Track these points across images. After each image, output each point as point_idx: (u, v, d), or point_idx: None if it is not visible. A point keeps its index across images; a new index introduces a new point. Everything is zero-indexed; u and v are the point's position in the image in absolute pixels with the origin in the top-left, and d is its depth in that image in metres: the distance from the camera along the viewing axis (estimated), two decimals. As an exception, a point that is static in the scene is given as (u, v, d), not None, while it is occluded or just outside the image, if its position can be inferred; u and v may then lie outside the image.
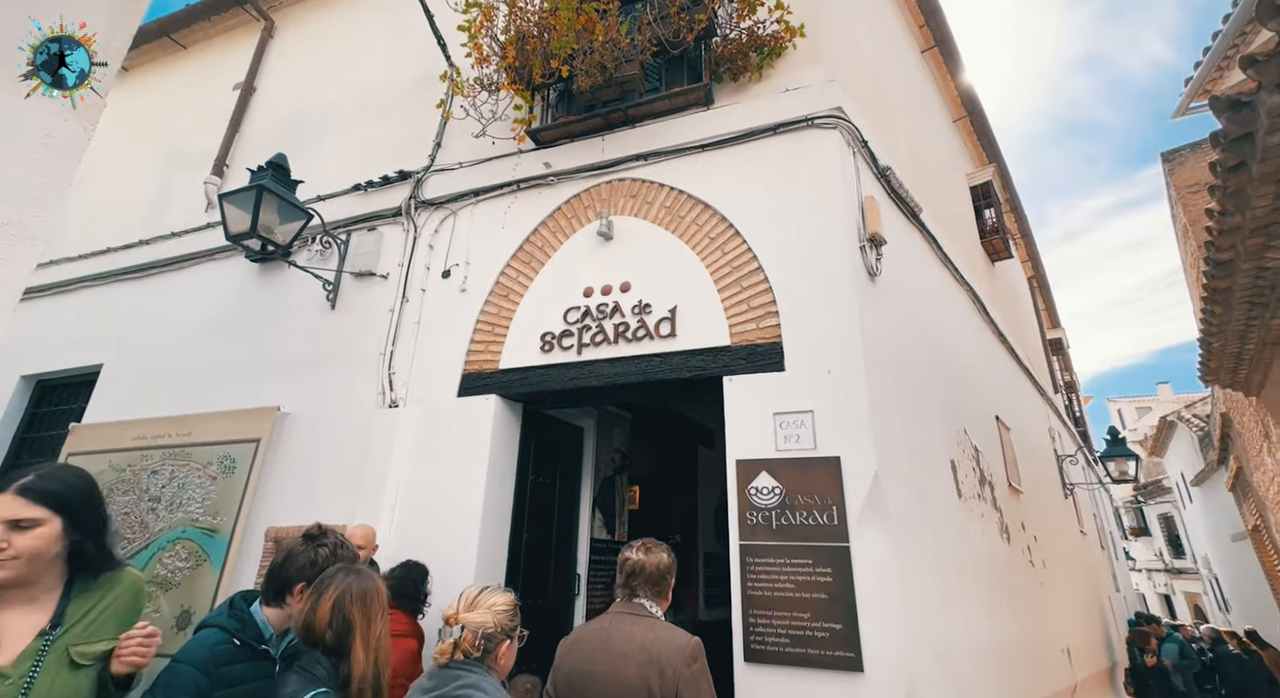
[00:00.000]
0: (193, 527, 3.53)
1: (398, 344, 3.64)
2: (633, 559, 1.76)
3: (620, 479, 4.81)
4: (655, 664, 1.52)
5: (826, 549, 2.35)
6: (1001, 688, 3.13)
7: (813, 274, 2.81)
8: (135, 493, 3.77)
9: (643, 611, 1.70)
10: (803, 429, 2.56)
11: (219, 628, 1.50)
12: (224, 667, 1.44)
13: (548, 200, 3.65)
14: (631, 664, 1.54)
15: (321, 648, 1.29)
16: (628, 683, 1.51)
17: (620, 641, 1.60)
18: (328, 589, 1.34)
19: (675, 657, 1.54)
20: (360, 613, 1.32)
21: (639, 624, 1.65)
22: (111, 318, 4.68)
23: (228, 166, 4.94)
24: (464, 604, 1.35)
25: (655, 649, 1.55)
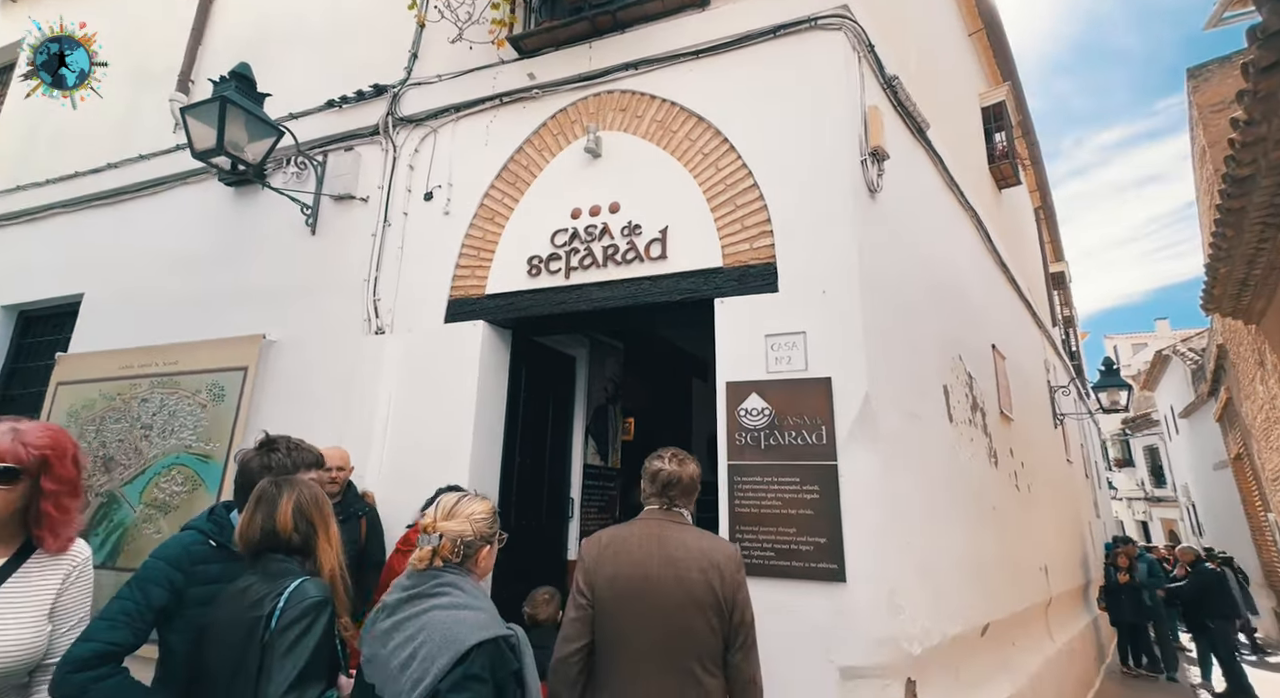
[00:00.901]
0: (186, 453, 3.56)
1: (381, 270, 3.53)
2: (667, 469, 1.76)
3: (614, 408, 4.84)
4: (716, 569, 1.58)
5: (814, 468, 2.35)
6: (979, 599, 3.26)
7: (810, 190, 2.66)
8: (127, 421, 3.78)
9: (683, 519, 1.73)
10: (794, 351, 2.51)
11: (196, 530, 1.57)
12: (199, 565, 1.50)
13: (532, 115, 3.43)
14: (694, 569, 1.58)
15: (286, 550, 1.31)
16: (692, 586, 1.56)
17: (675, 546, 1.63)
18: (281, 497, 1.36)
19: (729, 562, 1.62)
20: (318, 514, 1.36)
21: (688, 532, 1.68)
22: (88, 246, 4.54)
23: (193, 82, 4.64)
24: (441, 513, 1.35)
25: (713, 555, 1.61)
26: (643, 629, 1.55)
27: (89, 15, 5.27)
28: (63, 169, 4.82)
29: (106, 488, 3.71)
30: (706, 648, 1.56)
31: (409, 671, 1.12)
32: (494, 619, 1.24)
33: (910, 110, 3.37)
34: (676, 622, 1.54)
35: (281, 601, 1.20)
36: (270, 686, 1.11)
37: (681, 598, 1.55)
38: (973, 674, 3.00)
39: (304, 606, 1.19)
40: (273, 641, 1.15)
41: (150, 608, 1.42)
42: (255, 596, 1.23)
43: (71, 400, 4.02)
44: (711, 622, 1.56)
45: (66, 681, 1.31)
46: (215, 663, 1.20)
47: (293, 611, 1.18)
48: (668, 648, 1.54)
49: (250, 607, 1.21)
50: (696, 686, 1.52)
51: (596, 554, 1.66)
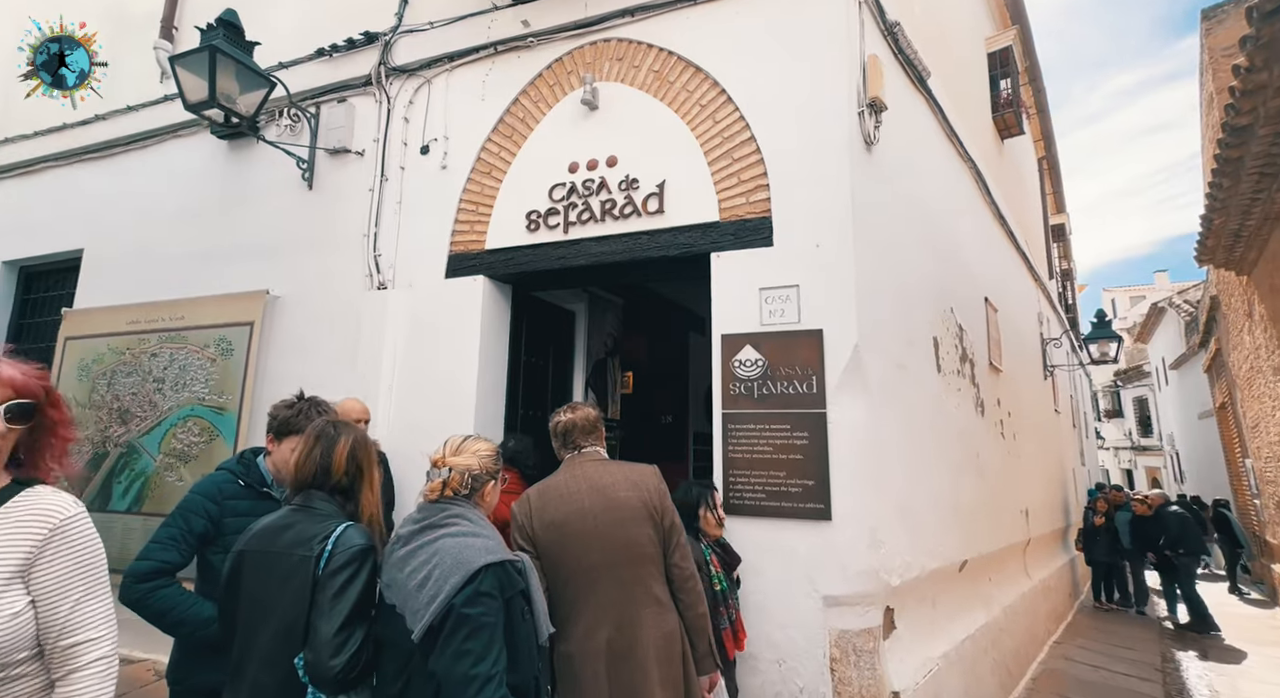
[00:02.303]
0: (200, 405, 3.68)
1: (380, 225, 3.55)
2: (563, 420, 1.92)
3: (612, 362, 4.95)
4: (639, 485, 1.79)
5: (804, 416, 2.47)
6: (959, 538, 3.46)
7: (807, 143, 2.67)
8: (139, 374, 3.88)
9: (597, 455, 1.89)
10: (788, 304, 2.59)
11: (227, 470, 1.83)
12: (230, 500, 1.76)
13: (528, 65, 3.37)
14: (621, 489, 1.77)
15: (331, 490, 1.42)
16: (624, 503, 1.74)
17: (601, 479, 1.79)
18: (339, 438, 1.45)
19: (650, 477, 1.84)
20: (366, 459, 1.47)
21: (607, 464, 1.86)
22: (82, 201, 4.52)
23: (176, 29, 4.49)
24: (449, 450, 1.46)
25: (633, 475, 1.82)
26: (593, 554, 1.70)
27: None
28: (49, 121, 4.73)
29: (125, 439, 3.85)
30: (652, 558, 1.74)
31: (425, 590, 1.24)
32: (500, 547, 1.36)
33: (911, 58, 3.32)
34: (620, 537, 1.71)
35: (330, 544, 1.29)
36: (323, 625, 1.23)
37: (618, 515, 1.73)
38: (949, 606, 3.24)
39: (351, 552, 1.29)
40: (322, 582, 1.27)
41: (193, 533, 1.70)
42: (303, 534, 1.33)
43: (81, 355, 4.11)
44: (648, 532, 1.74)
45: (132, 590, 1.60)
46: (261, 592, 1.32)
47: (341, 556, 1.28)
48: (619, 564, 1.70)
49: (298, 544, 1.31)
50: (653, 597, 1.72)
51: (529, 509, 1.78)
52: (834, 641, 2.25)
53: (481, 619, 1.22)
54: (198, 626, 1.63)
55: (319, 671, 1.22)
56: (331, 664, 1.21)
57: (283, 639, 1.27)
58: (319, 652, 1.22)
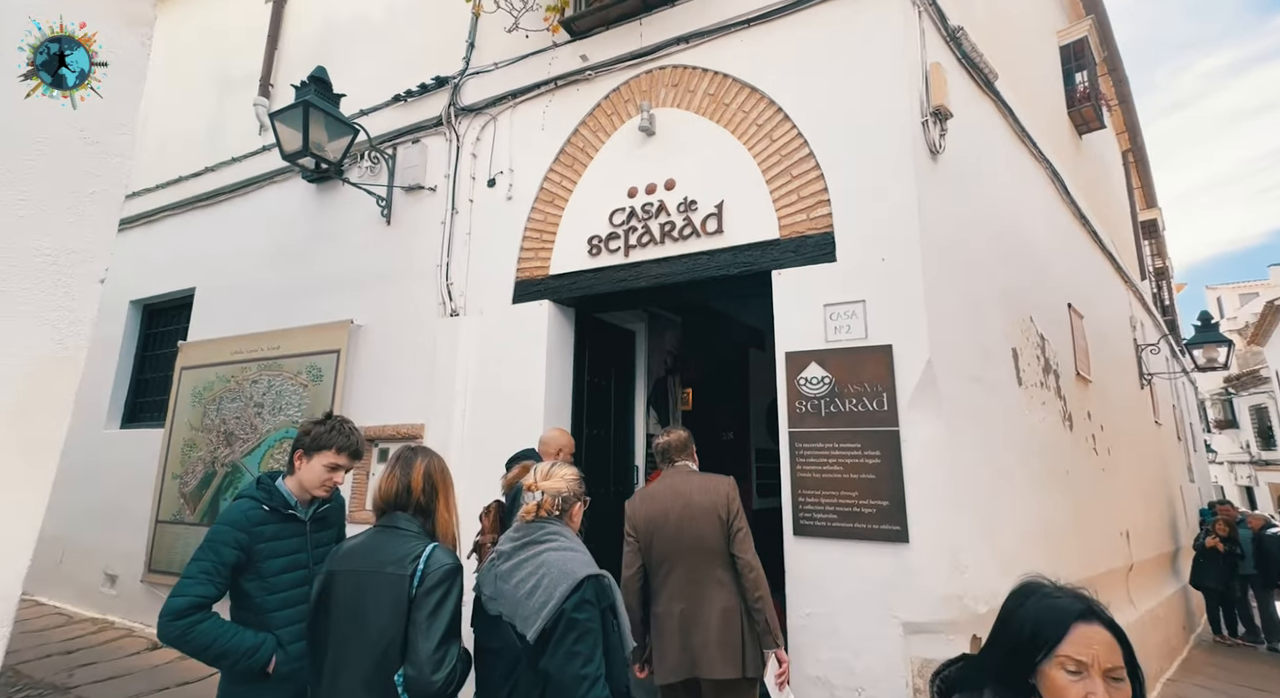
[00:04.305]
0: (294, 427, 3.98)
1: (452, 255, 3.76)
2: (661, 442, 2.41)
3: (673, 380, 4.98)
4: (711, 492, 2.17)
5: (875, 434, 2.41)
6: (1050, 562, 3.23)
7: (869, 157, 2.64)
8: (242, 400, 4.26)
9: (687, 469, 2.33)
10: (854, 319, 2.54)
11: (249, 497, 1.75)
12: (258, 526, 1.71)
13: (586, 97, 3.51)
14: (696, 494, 2.17)
15: (411, 509, 1.52)
16: (701, 509, 2.14)
17: (683, 486, 2.22)
18: (415, 461, 1.57)
19: (722, 485, 2.20)
20: (442, 480, 1.57)
21: (692, 475, 2.29)
22: (194, 244, 5.04)
23: (272, 86, 4.97)
24: (540, 476, 1.58)
25: (709, 485, 2.20)
26: (672, 545, 2.13)
27: (178, 28, 5.71)
28: (168, 174, 5.33)
29: (230, 459, 4.21)
30: (717, 549, 2.11)
31: (534, 598, 1.34)
32: (593, 562, 1.47)
33: (976, 62, 3.22)
34: (690, 532, 2.12)
35: (421, 563, 1.39)
36: (422, 642, 1.32)
37: (691, 514, 2.14)
38: (1042, 635, 3.01)
39: (443, 571, 1.39)
40: (419, 600, 1.36)
41: (225, 564, 1.65)
42: (394, 553, 1.42)
43: (194, 383, 4.55)
44: (716, 529, 2.12)
45: (170, 627, 1.56)
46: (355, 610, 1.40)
47: (434, 575, 1.37)
48: (690, 553, 2.11)
49: (391, 563, 1.41)
50: (716, 579, 2.09)
51: (635, 505, 2.29)
52: (917, 670, 2.15)
53: (587, 624, 1.32)
54: (241, 656, 1.62)
55: (421, 686, 1.29)
56: (434, 679, 1.29)
57: (380, 655, 1.34)
58: (421, 668, 1.29)
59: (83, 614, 4.57)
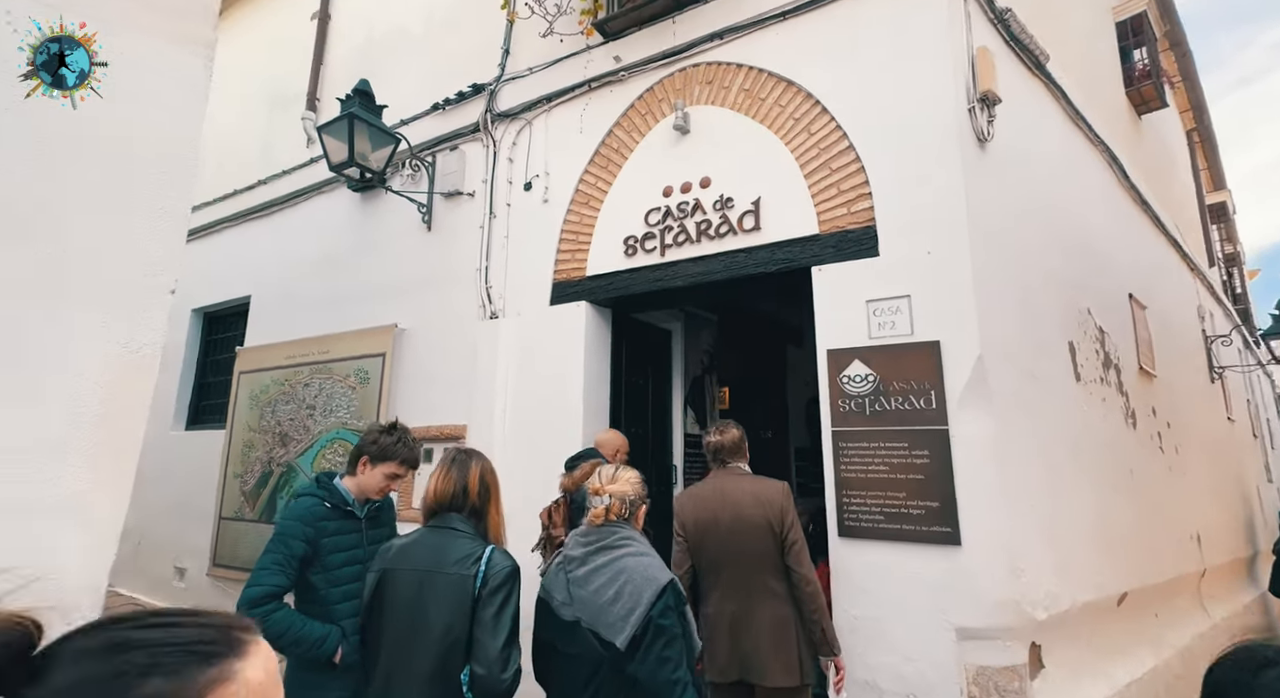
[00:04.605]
0: (344, 428, 4.13)
1: (490, 259, 3.83)
2: (713, 441, 2.30)
3: (709, 378, 4.95)
4: (764, 503, 2.08)
5: (924, 433, 2.33)
6: (1114, 566, 3.07)
7: (912, 147, 2.56)
8: (295, 402, 4.44)
9: (739, 470, 2.23)
10: (898, 315, 2.47)
11: (311, 495, 1.86)
12: (321, 521, 1.81)
13: (620, 98, 3.52)
14: (748, 505, 2.10)
15: (466, 511, 1.57)
16: (752, 519, 2.07)
17: (734, 492, 2.15)
18: (470, 464, 1.61)
19: (775, 495, 2.12)
20: (494, 483, 1.62)
21: (743, 479, 2.20)
22: (250, 254, 5.29)
23: (318, 100, 5.17)
24: (606, 480, 1.58)
25: (761, 494, 2.12)
26: (721, 552, 2.09)
27: (232, 49, 6.00)
28: (225, 188, 5.61)
29: (285, 459, 4.40)
30: (769, 560, 2.06)
31: (618, 605, 1.35)
32: (665, 566, 1.49)
33: (1026, 43, 3.08)
34: (740, 543, 2.06)
35: (483, 565, 1.43)
36: (489, 642, 1.36)
37: (743, 526, 2.07)
38: (1108, 645, 2.87)
39: (504, 573, 1.43)
40: (484, 600, 1.40)
41: (294, 557, 1.75)
42: (455, 553, 1.46)
43: (251, 386, 4.77)
44: (768, 542, 2.06)
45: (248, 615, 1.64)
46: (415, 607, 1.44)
47: (496, 576, 1.42)
48: (740, 563, 2.07)
49: (453, 563, 1.45)
50: (768, 589, 2.04)
51: (683, 504, 2.26)
52: (972, 678, 2.08)
53: (673, 630, 1.35)
54: (311, 645, 1.71)
55: (491, 684, 1.33)
56: (503, 678, 1.34)
57: (444, 653, 1.37)
58: (490, 666, 1.34)
59: (155, 605, 4.86)
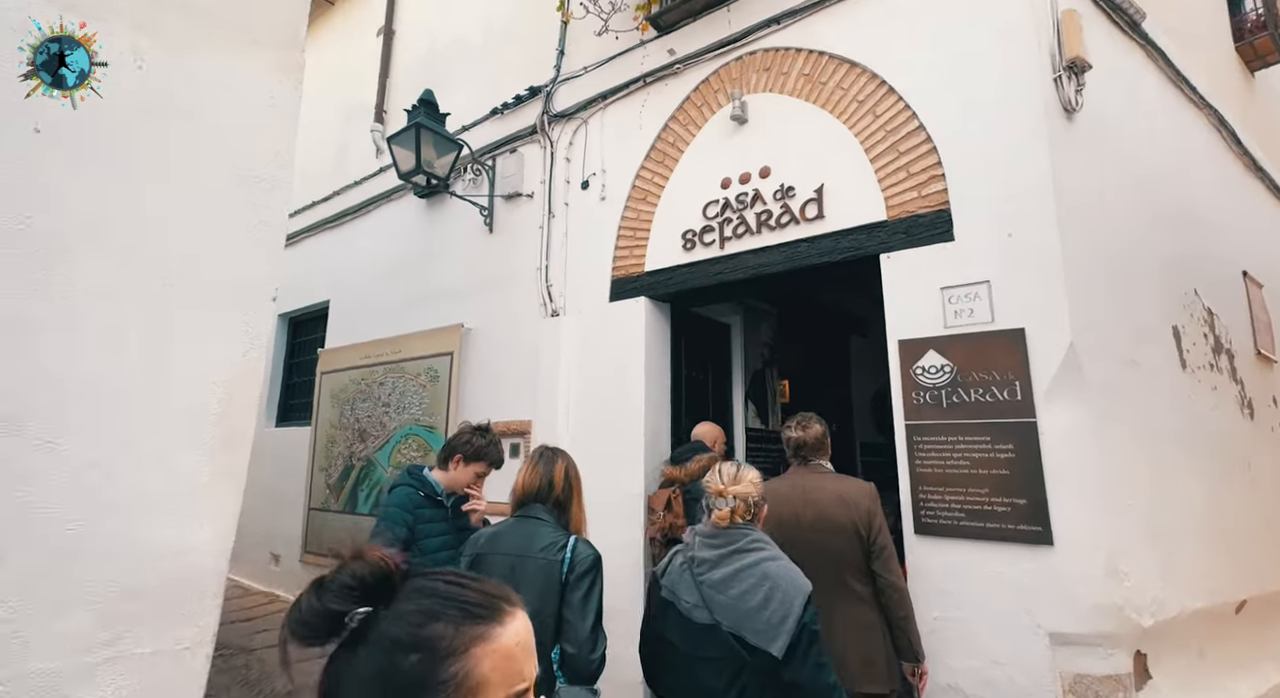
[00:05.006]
0: (416, 425, 4.33)
1: (550, 258, 3.90)
2: (795, 436, 2.19)
3: (770, 372, 4.85)
4: (849, 504, 1.99)
5: (1008, 426, 2.20)
6: (1231, 571, 2.79)
7: (990, 124, 2.40)
8: (372, 401, 4.69)
9: (821, 469, 2.15)
10: (977, 302, 2.34)
11: (407, 485, 2.07)
12: (417, 509, 2.02)
13: (675, 92, 3.50)
14: (831, 506, 2.01)
15: (550, 503, 1.66)
16: (836, 521, 1.99)
17: (816, 491, 2.06)
18: (556, 460, 1.74)
19: (861, 497, 2.02)
20: (577, 480, 1.73)
21: (826, 478, 2.11)
22: (327, 261, 5.63)
23: (385, 112, 5.42)
24: (728, 480, 1.57)
25: (847, 495, 2.02)
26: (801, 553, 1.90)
27: (306, 69, 6.37)
28: (304, 200, 5.99)
29: (364, 454, 4.67)
30: (853, 564, 1.97)
31: (768, 611, 1.35)
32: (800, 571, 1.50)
33: (1118, 2, 2.83)
34: (823, 544, 1.97)
35: (569, 552, 1.54)
36: (579, 623, 1.46)
37: (826, 527, 1.98)
38: (1225, 657, 2.62)
39: (590, 560, 1.55)
40: (572, 585, 1.50)
41: (399, 539, 1.93)
42: (542, 540, 1.57)
43: (332, 386, 5.09)
44: (853, 544, 1.97)
45: None
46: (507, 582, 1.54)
47: (583, 563, 1.52)
48: (822, 565, 1.93)
49: (542, 549, 1.56)
50: (852, 592, 1.96)
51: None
52: (1068, 686, 1.95)
53: (820, 634, 1.37)
54: None
55: (581, 663, 1.42)
56: (592, 658, 1.42)
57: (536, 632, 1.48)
58: (580, 646, 1.43)
59: (256, 588, 5.29)
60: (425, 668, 0.55)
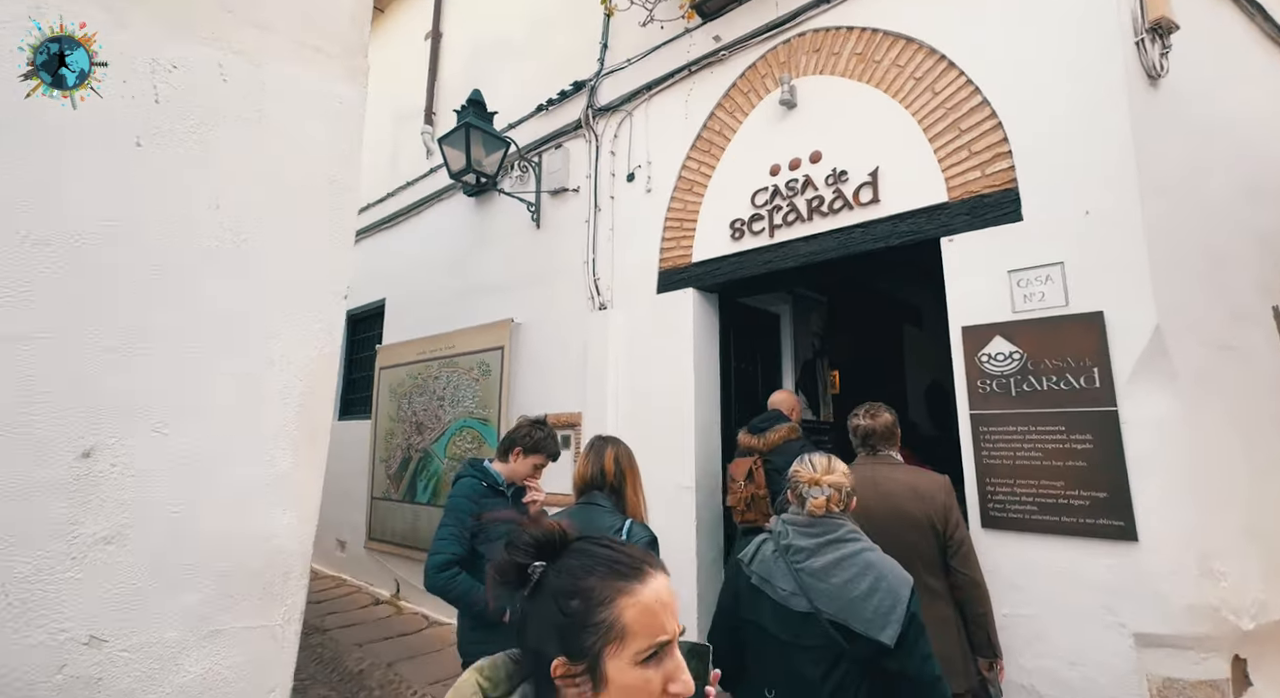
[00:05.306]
0: (470, 417, 4.45)
1: (597, 251, 3.92)
2: (863, 425, 2.10)
3: (821, 363, 4.75)
4: (924, 498, 1.91)
5: (1085, 415, 2.08)
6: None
7: (1063, 95, 2.26)
8: (428, 394, 4.85)
9: (891, 460, 2.06)
10: (1049, 285, 2.21)
11: (470, 476, 2.15)
12: (482, 498, 2.09)
13: (720, 79, 3.45)
14: (905, 499, 1.93)
15: (606, 489, 1.74)
16: (911, 515, 1.91)
17: (887, 483, 1.97)
18: (605, 449, 1.80)
19: (937, 491, 1.93)
20: (629, 466, 1.79)
21: (898, 470, 2.03)
22: (382, 261, 5.84)
23: (434, 114, 5.57)
24: (821, 470, 1.55)
25: (921, 488, 1.94)
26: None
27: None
28: (361, 202, 6.23)
29: (422, 446, 4.83)
30: (926, 558, 1.88)
31: (874, 601, 1.35)
32: None
33: (1204, -43, 2.61)
34: (896, 538, 1.82)
35: (624, 535, 1.61)
36: None
37: (899, 522, 1.89)
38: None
39: (644, 542, 1.62)
40: None
41: (466, 528, 2.01)
42: (599, 526, 1.65)
43: (390, 381, 5.29)
44: (928, 539, 1.89)
45: (436, 579, 1.93)
46: None
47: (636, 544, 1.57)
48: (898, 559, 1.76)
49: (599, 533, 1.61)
50: (925, 587, 1.80)
51: None
52: (1157, 690, 1.83)
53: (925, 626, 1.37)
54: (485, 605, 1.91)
55: None
56: None
57: None
58: None
59: (324, 572, 5.57)
60: (582, 612, 0.68)
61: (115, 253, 1.12)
